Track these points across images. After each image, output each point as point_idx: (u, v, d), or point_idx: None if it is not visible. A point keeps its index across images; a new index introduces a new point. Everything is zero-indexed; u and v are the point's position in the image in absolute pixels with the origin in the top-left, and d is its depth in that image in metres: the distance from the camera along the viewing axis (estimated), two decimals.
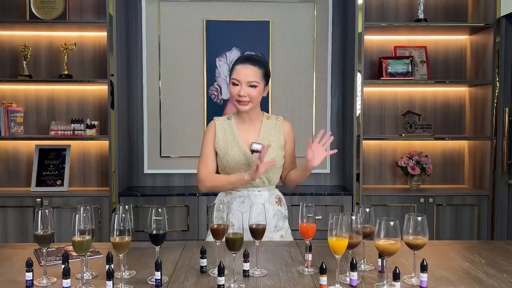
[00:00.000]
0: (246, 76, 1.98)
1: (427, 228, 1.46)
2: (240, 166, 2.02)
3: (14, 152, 3.55)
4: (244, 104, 2.00)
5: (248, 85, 1.98)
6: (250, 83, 1.98)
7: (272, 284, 1.47)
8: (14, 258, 1.72)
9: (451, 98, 3.67)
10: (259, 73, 2.00)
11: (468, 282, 1.48)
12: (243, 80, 1.98)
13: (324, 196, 3.33)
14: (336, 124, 3.67)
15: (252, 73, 1.98)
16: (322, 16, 3.63)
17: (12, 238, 3.25)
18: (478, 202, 3.35)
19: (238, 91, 1.98)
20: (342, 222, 1.39)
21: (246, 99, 1.99)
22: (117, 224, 1.42)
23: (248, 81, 1.98)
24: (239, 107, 2.02)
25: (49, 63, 3.53)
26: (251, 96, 1.99)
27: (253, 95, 1.99)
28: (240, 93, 1.98)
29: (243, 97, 1.98)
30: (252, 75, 1.98)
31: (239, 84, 1.99)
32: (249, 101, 2.00)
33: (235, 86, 2.00)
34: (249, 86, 1.98)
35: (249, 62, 2.01)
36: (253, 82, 1.98)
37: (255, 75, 1.99)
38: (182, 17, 3.59)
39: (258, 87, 2.00)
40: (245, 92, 1.98)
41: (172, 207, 3.28)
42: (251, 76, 1.98)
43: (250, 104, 2.01)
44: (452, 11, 3.62)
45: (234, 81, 2.00)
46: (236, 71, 2.01)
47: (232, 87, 2.01)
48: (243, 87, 1.98)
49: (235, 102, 2.03)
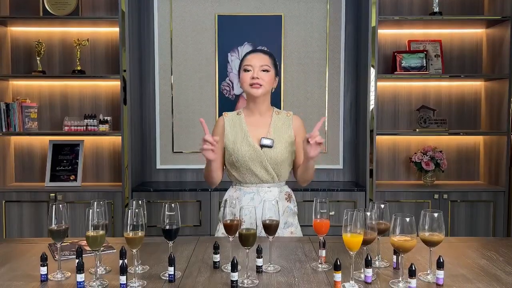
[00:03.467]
0: (258, 60, 2.02)
1: (443, 225, 1.43)
2: (248, 162, 2.00)
3: (28, 147, 3.59)
4: (257, 87, 2.00)
5: (261, 69, 2.01)
6: (262, 67, 2.01)
7: (286, 280, 1.46)
8: (29, 252, 1.74)
9: (466, 92, 3.62)
10: (269, 60, 2.05)
11: (485, 280, 1.45)
12: (256, 64, 2.01)
13: (337, 192, 3.30)
14: (349, 119, 3.64)
15: (263, 59, 2.03)
16: (335, 9, 3.60)
17: (27, 232, 3.29)
18: (494, 198, 3.30)
19: (251, 75, 2.00)
20: (356, 218, 1.37)
21: (260, 82, 2.00)
22: (130, 219, 1.42)
23: (261, 65, 2.01)
24: (252, 91, 2.01)
25: (62, 59, 3.56)
26: (264, 79, 2.00)
27: (265, 79, 2.01)
28: (253, 75, 2.00)
29: (256, 79, 1.99)
30: (264, 61, 2.03)
31: (252, 69, 2.01)
32: (262, 85, 2.00)
33: (247, 72, 2.02)
34: (261, 70, 2.01)
35: (258, 51, 2.10)
36: (265, 65, 2.02)
37: (266, 61, 2.04)
38: (194, 12, 3.58)
39: (270, 72, 2.03)
40: (258, 74, 2.00)
41: (184, 202, 3.29)
42: (263, 61, 2.03)
43: (262, 88, 2.01)
44: (468, 4, 3.55)
45: (246, 67, 2.03)
46: (246, 59, 2.05)
47: (244, 73, 2.03)
48: (256, 70, 2.01)
49: (247, 88, 2.02)
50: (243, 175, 2.04)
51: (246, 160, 2.00)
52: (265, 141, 1.98)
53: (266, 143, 1.98)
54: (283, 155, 2.00)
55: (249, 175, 2.03)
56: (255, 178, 2.02)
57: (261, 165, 2.00)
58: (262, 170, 2.01)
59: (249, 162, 2.00)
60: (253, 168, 2.00)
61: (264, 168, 2.00)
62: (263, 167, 2.00)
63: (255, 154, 2.00)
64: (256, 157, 2.00)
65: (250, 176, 2.03)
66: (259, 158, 2.00)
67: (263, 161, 1.99)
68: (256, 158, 2.00)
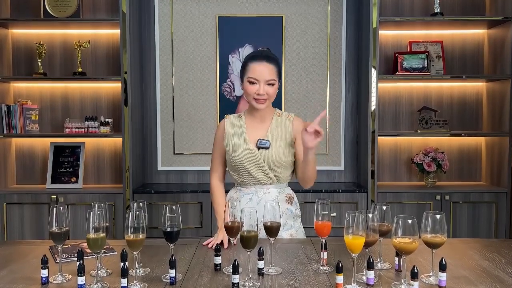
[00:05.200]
0: (264, 74, 1.95)
1: (445, 226, 1.43)
2: (245, 164, 2.00)
3: (29, 149, 3.59)
4: (262, 103, 1.98)
5: (267, 83, 1.96)
6: (268, 82, 1.96)
7: (287, 282, 1.45)
8: (30, 255, 1.73)
9: (468, 93, 3.61)
10: (275, 71, 1.99)
11: (488, 282, 1.45)
12: (262, 79, 1.95)
13: (339, 193, 3.30)
14: (351, 120, 3.64)
15: (269, 72, 1.96)
16: (336, 10, 3.59)
17: (28, 234, 3.29)
18: (496, 199, 3.29)
19: (257, 90, 1.96)
20: (358, 220, 1.37)
21: (265, 97, 1.97)
22: (131, 222, 1.41)
23: (267, 80, 1.96)
24: (257, 105, 2.00)
25: (63, 61, 3.56)
26: (269, 94, 1.98)
27: (270, 93, 1.98)
28: (259, 92, 1.95)
29: (262, 95, 1.96)
30: (270, 74, 1.96)
31: (257, 82, 1.96)
32: (267, 99, 1.99)
33: (252, 84, 1.97)
34: (267, 84, 1.97)
35: (265, 60, 1.98)
36: (271, 80, 1.97)
37: (272, 73, 1.97)
38: (194, 14, 3.58)
39: (275, 85, 2.00)
40: (264, 90, 1.96)
41: (186, 204, 3.28)
42: (269, 75, 1.96)
43: (267, 102, 2.00)
44: (469, 4, 3.54)
45: (251, 79, 1.97)
46: (252, 69, 1.97)
47: (249, 85, 1.98)
48: (261, 86, 1.95)
49: (252, 101, 2.00)
50: (241, 176, 2.04)
51: (243, 161, 2.00)
52: (261, 142, 1.98)
53: (262, 144, 1.98)
54: (280, 156, 1.99)
55: (247, 176, 2.03)
56: (253, 179, 2.02)
57: (258, 166, 1.99)
58: (259, 172, 2.00)
59: (246, 163, 2.00)
60: (250, 169, 2.00)
61: (261, 169, 2.00)
62: (260, 168, 2.00)
63: (251, 155, 2.00)
64: (252, 158, 2.00)
65: (248, 178, 2.03)
66: (255, 159, 1.99)
67: (259, 162, 1.99)
68: (252, 159, 2.00)
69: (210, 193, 2.15)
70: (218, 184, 2.13)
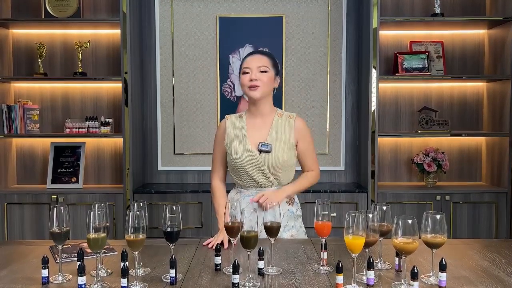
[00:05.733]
0: (255, 62, 2.02)
1: (446, 227, 1.43)
2: (246, 167, 2.00)
3: (30, 149, 3.59)
4: (255, 89, 1.99)
5: (259, 70, 2.00)
6: (260, 68, 2.01)
7: (287, 282, 1.45)
8: (30, 255, 1.73)
9: (468, 93, 3.61)
10: (268, 61, 2.04)
11: (488, 282, 1.45)
12: (253, 66, 2.01)
13: (339, 194, 3.30)
14: (351, 120, 3.64)
15: (261, 60, 2.03)
16: (336, 11, 3.59)
17: (29, 234, 3.29)
18: (496, 199, 3.29)
19: (249, 77, 1.99)
20: (358, 220, 1.37)
21: (258, 83, 1.99)
22: (131, 222, 1.42)
23: (258, 66, 2.01)
24: (250, 93, 2.01)
25: (63, 61, 3.56)
26: (262, 80, 1.99)
27: (263, 79, 2.00)
28: (251, 77, 1.99)
29: (254, 81, 1.98)
30: (261, 61, 2.02)
31: (250, 71, 2.01)
32: (260, 86, 1.99)
33: (245, 74, 2.02)
34: (259, 71, 2.00)
35: (257, 53, 2.10)
36: (263, 66, 2.01)
37: (264, 62, 2.03)
38: (195, 14, 3.58)
39: (269, 73, 2.01)
40: (256, 76, 1.99)
41: (186, 204, 3.28)
42: (260, 62, 2.02)
43: (260, 89, 2.00)
44: (470, 5, 3.54)
45: (245, 69, 2.02)
46: (245, 62, 2.05)
47: (243, 76, 2.03)
48: (253, 72, 2.00)
49: (246, 90, 2.02)
50: (242, 178, 2.04)
51: (244, 164, 2.00)
52: (263, 147, 1.99)
53: (264, 148, 1.98)
54: (281, 160, 1.99)
55: (248, 179, 2.03)
56: (254, 182, 2.02)
57: (259, 169, 1.99)
58: (260, 175, 2.00)
59: (247, 166, 2.00)
60: (250, 172, 2.00)
61: (261, 172, 2.00)
62: (261, 171, 2.00)
63: (252, 159, 2.00)
64: (253, 162, 1.99)
65: (249, 180, 2.03)
66: (257, 163, 1.99)
67: (261, 165, 1.99)
68: (253, 163, 1.99)
69: (211, 194, 2.15)
70: (219, 184, 2.13)
